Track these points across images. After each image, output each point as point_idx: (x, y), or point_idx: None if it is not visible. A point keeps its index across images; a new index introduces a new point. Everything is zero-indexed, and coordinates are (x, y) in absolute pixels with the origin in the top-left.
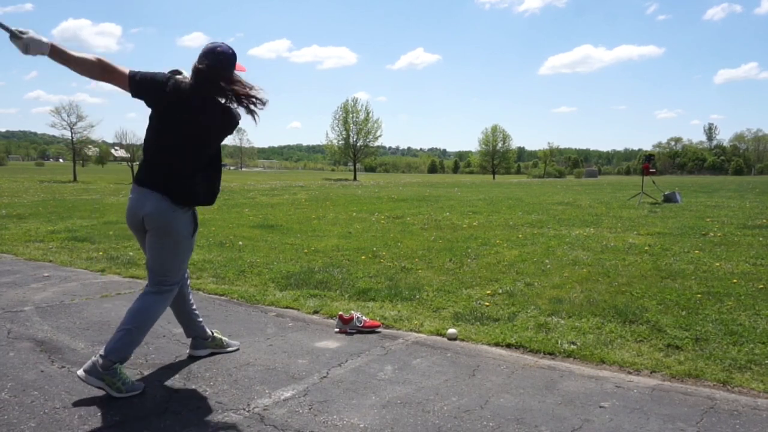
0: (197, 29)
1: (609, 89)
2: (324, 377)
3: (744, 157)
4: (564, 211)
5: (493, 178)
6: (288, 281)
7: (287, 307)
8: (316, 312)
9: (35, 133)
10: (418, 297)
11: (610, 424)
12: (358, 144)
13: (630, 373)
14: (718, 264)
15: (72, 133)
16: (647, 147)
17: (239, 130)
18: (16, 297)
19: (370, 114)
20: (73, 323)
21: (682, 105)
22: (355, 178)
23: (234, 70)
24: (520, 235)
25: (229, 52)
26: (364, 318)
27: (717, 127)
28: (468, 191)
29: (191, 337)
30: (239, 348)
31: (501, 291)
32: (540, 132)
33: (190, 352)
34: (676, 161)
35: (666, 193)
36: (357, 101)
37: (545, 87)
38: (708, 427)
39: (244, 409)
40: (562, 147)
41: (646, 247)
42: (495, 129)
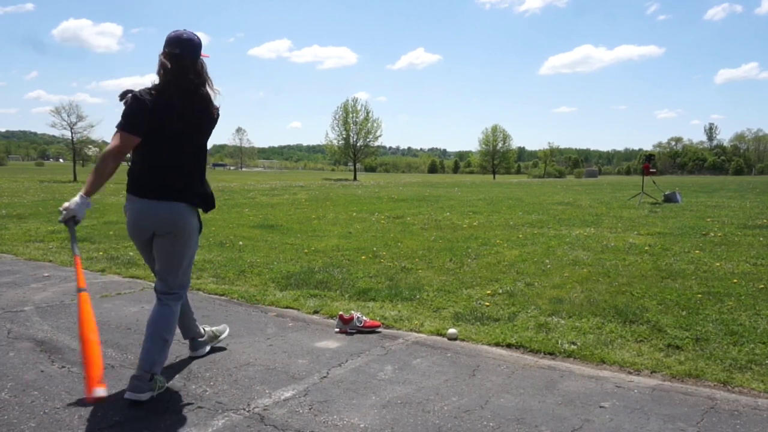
0: (198, 29)
1: (609, 89)
2: (324, 377)
3: (744, 157)
4: (564, 211)
5: (494, 178)
6: (288, 281)
7: (287, 307)
8: (316, 312)
9: (35, 133)
10: (418, 297)
11: (610, 424)
12: (358, 144)
13: (630, 373)
14: (718, 264)
15: (72, 133)
16: (647, 147)
17: (239, 129)
18: (16, 297)
19: (369, 114)
20: (73, 323)
21: (682, 105)
22: (355, 178)
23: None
24: (520, 235)
25: (196, 39)
26: (364, 318)
27: (717, 127)
28: (468, 191)
29: (188, 339)
30: (228, 329)
31: (501, 291)
32: (540, 132)
33: (191, 353)
34: (676, 161)
35: (666, 193)
36: (357, 101)
37: (545, 87)
38: (708, 427)
39: (244, 409)
40: (562, 147)
41: (646, 247)
42: (495, 129)
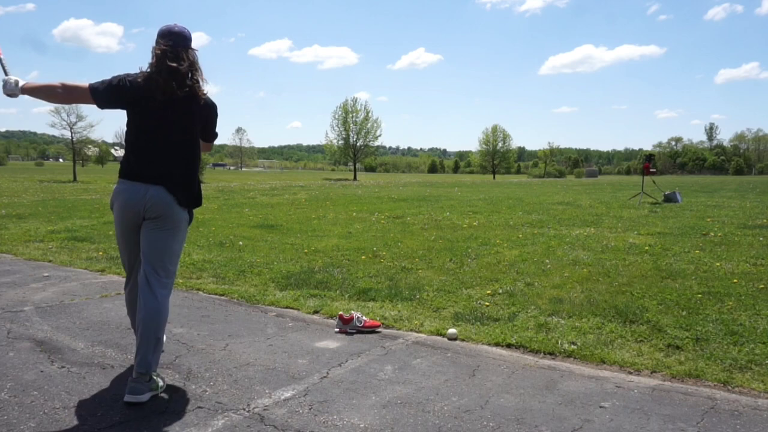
0: (199, 29)
1: (610, 89)
2: (324, 377)
3: (744, 157)
4: (564, 211)
5: (494, 177)
6: (288, 281)
7: (287, 307)
8: (316, 312)
9: (35, 133)
10: (418, 297)
11: (610, 424)
12: (357, 144)
13: (630, 373)
14: (718, 264)
15: (72, 133)
16: (648, 147)
17: (239, 129)
18: (16, 297)
19: (369, 113)
20: (73, 323)
21: (682, 105)
22: (355, 177)
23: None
24: (520, 235)
25: (185, 31)
26: (364, 318)
27: (717, 127)
28: (468, 191)
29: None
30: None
31: (501, 291)
32: (540, 132)
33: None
34: (676, 161)
35: (666, 193)
36: (356, 101)
37: (546, 87)
38: (708, 428)
39: (244, 409)
40: (562, 147)
41: (646, 247)
42: (495, 129)
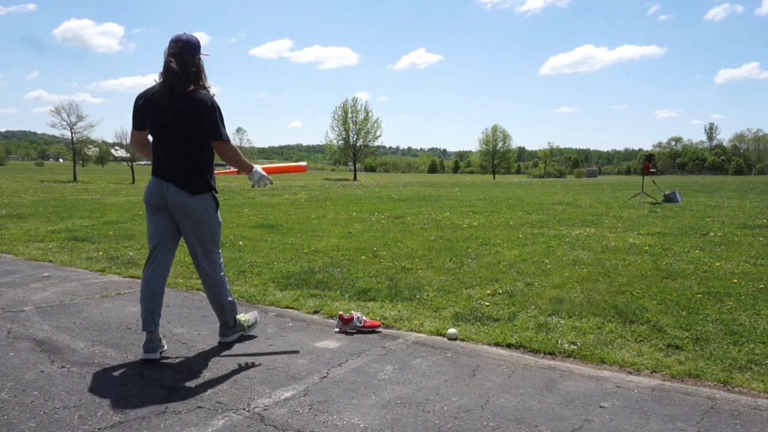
0: (199, 29)
1: (610, 89)
2: (324, 377)
3: (744, 157)
4: (564, 211)
5: (494, 177)
6: (288, 281)
7: (287, 307)
8: (316, 312)
9: (35, 133)
10: (418, 297)
11: (610, 424)
12: (357, 144)
13: (630, 373)
14: (718, 264)
15: (72, 133)
16: (648, 147)
17: (239, 129)
18: (16, 297)
19: (369, 114)
20: (73, 323)
21: (683, 105)
22: (355, 177)
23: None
24: (520, 235)
25: (193, 40)
26: (364, 318)
27: (717, 127)
28: (468, 191)
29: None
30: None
31: (501, 291)
32: (540, 132)
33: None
34: (676, 161)
35: (666, 193)
36: (356, 101)
37: (546, 87)
38: (708, 427)
39: (244, 409)
40: (562, 147)
41: (646, 247)
42: (495, 129)
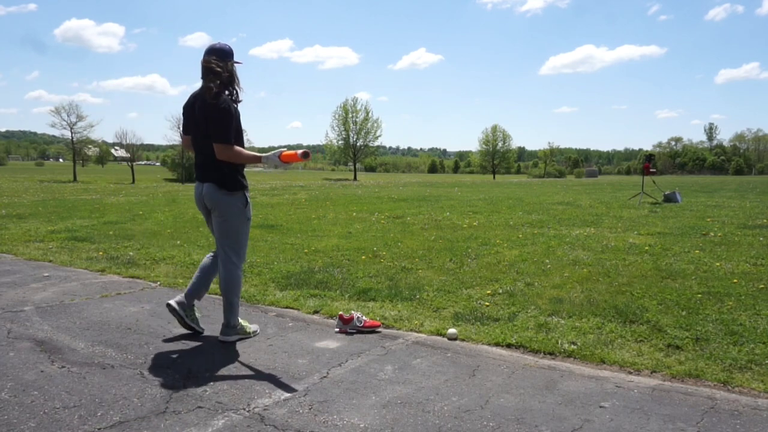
0: (200, 29)
1: (610, 89)
2: (324, 377)
3: (744, 157)
4: (564, 211)
5: (494, 177)
6: (288, 281)
7: (287, 307)
8: (316, 312)
9: (35, 133)
10: (418, 297)
11: (610, 424)
12: (357, 144)
13: (630, 373)
14: (718, 264)
15: (72, 133)
16: (648, 147)
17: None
18: (16, 297)
19: (369, 114)
20: (73, 323)
21: (683, 105)
22: (355, 177)
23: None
24: (520, 235)
25: (226, 48)
26: (364, 318)
27: (717, 127)
28: (468, 191)
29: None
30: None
31: (501, 291)
32: (540, 132)
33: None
34: (676, 161)
35: (666, 193)
36: (357, 101)
37: (546, 87)
38: (708, 427)
39: (244, 409)
40: (562, 147)
41: (646, 247)
42: (495, 129)
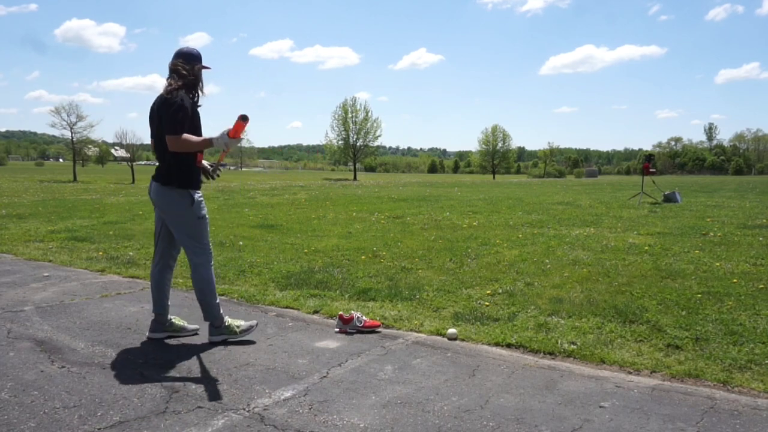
0: (200, 29)
1: (610, 89)
2: (324, 377)
3: (744, 157)
4: (564, 211)
5: (494, 177)
6: (288, 281)
7: (287, 307)
8: (316, 312)
9: (35, 133)
10: (418, 297)
11: (610, 424)
12: (357, 144)
13: (630, 373)
14: (718, 264)
15: (72, 133)
16: (647, 147)
17: None
18: (16, 297)
19: (369, 113)
20: (73, 323)
21: (683, 105)
22: (355, 177)
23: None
24: (520, 235)
25: (194, 52)
26: (364, 318)
27: (717, 127)
28: (468, 191)
29: (154, 314)
30: (198, 331)
31: (501, 291)
32: (540, 132)
33: (148, 335)
34: (676, 161)
35: (666, 193)
36: (356, 101)
37: (546, 87)
38: (708, 427)
39: (244, 409)
40: (562, 147)
41: (646, 247)
42: (495, 129)
